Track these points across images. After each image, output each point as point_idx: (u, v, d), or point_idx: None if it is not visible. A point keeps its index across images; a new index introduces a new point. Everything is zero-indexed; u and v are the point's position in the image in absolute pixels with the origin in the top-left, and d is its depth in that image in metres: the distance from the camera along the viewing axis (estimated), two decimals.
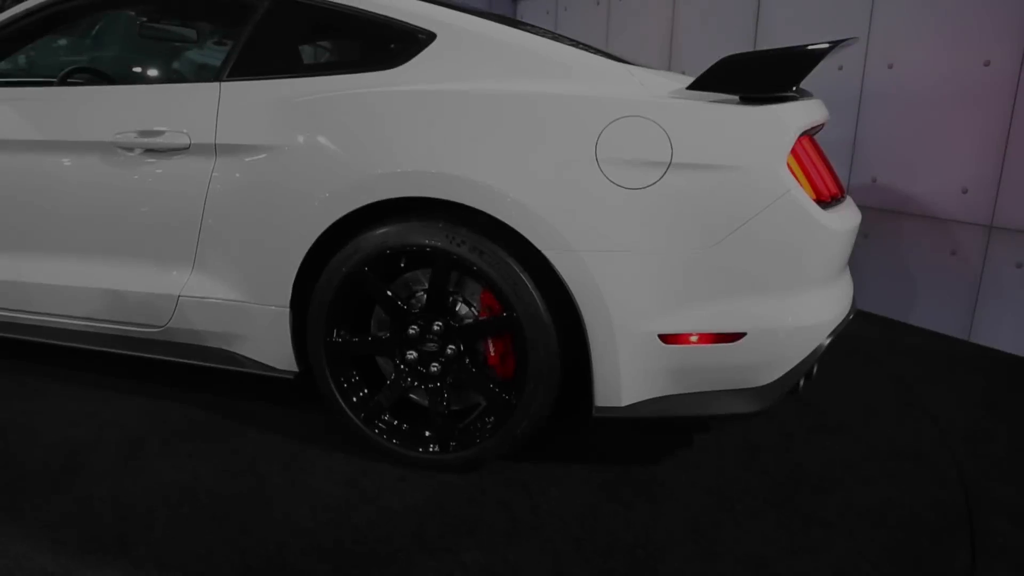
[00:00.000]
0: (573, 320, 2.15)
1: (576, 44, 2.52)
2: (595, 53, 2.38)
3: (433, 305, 2.23)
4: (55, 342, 2.87)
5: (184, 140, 2.42)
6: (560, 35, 2.61)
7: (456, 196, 2.08)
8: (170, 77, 4.28)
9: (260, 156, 2.33)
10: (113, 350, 2.77)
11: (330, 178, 2.21)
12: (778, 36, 4.52)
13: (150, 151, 2.48)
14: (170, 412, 2.71)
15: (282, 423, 2.64)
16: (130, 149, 2.51)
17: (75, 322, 2.77)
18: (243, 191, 2.36)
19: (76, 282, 2.71)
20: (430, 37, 2.32)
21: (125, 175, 2.53)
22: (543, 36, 2.41)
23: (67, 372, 3.06)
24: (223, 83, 2.45)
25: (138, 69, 4.45)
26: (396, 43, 2.37)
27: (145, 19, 3.27)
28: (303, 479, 2.26)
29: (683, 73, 5.16)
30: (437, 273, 2.18)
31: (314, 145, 2.26)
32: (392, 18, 2.39)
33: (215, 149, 2.39)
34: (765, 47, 4.61)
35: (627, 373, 2.11)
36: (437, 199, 2.16)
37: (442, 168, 2.09)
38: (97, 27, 4.36)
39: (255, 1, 2.55)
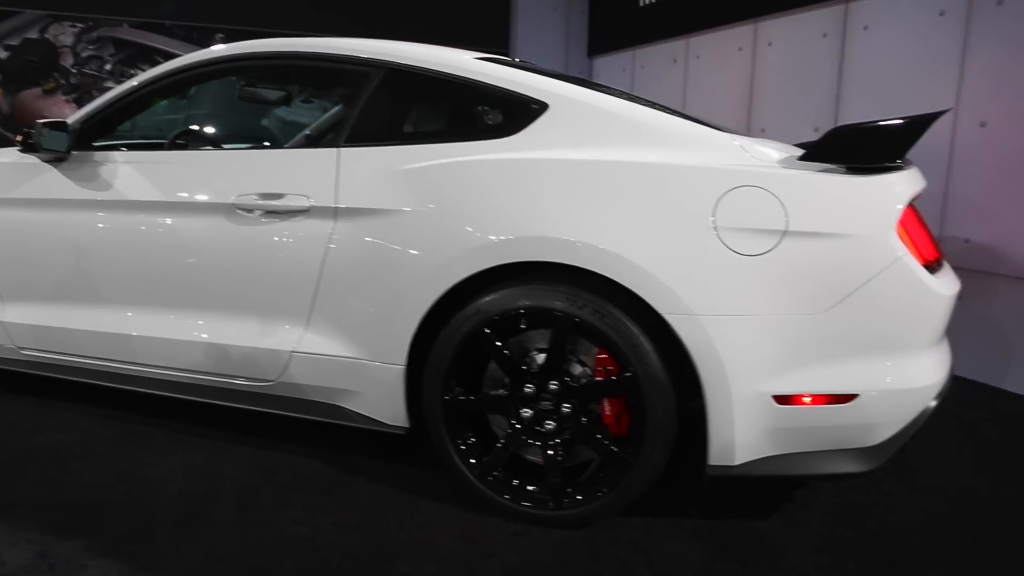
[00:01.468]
0: (687, 380, 2.21)
1: (666, 109, 2.61)
2: (690, 120, 2.48)
3: (551, 365, 2.30)
4: (162, 393, 2.99)
5: (304, 203, 2.54)
6: (656, 103, 2.71)
7: (581, 262, 2.17)
8: (266, 138, 4.47)
9: (379, 220, 2.44)
10: (220, 402, 2.88)
11: (451, 242, 2.31)
12: (862, 94, 4.56)
13: (270, 213, 2.60)
14: (278, 463, 2.79)
15: (390, 476, 2.70)
16: (250, 211, 2.63)
17: (183, 374, 2.89)
18: (362, 253, 2.46)
19: (186, 336, 2.83)
20: (542, 107, 2.43)
21: (244, 235, 2.65)
22: (645, 105, 2.52)
23: (170, 423, 3.16)
24: (341, 149, 2.58)
25: (237, 130, 4.64)
26: (509, 112, 2.48)
27: (244, 83, 3.42)
28: (421, 534, 2.31)
29: (763, 131, 5.28)
30: (557, 334, 2.25)
31: (434, 210, 2.36)
32: (505, 88, 2.50)
33: (335, 212, 2.50)
34: (848, 106, 4.67)
35: (741, 433, 2.16)
36: (553, 263, 2.25)
37: (567, 235, 2.18)
38: (193, 89, 4.56)
39: (370, 70, 2.68)
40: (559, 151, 2.32)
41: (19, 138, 3.07)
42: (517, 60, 2.95)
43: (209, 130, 3.72)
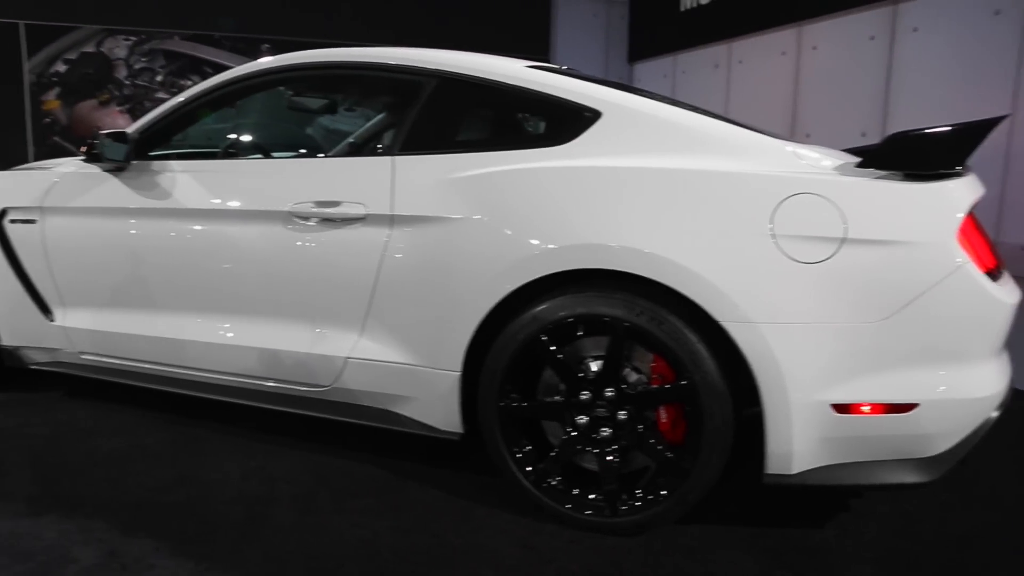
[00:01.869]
0: (744, 388, 2.21)
1: (714, 115, 2.61)
2: (740, 126, 2.48)
3: (607, 372, 2.31)
4: (216, 398, 3.04)
5: (360, 211, 2.58)
6: (705, 109, 2.71)
7: (640, 269, 2.18)
8: (312, 146, 4.54)
9: (435, 227, 2.47)
10: (273, 407, 2.93)
11: (507, 250, 2.34)
12: (912, 98, 4.51)
13: (326, 220, 2.64)
14: (331, 467, 2.83)
15: (442, 481, 2.73)
16: (306, 218, 2.67)
17: (238, 379, 2.94)
18: (418, 260, 2.49)
19: (241, 341, 2.89)
20: (595, 115, 2.45)
21: (300, 242, 2.70)
22: (696, 112, 2.53)
23: (223, 426, 3.22)
24: (396, 157, 2.61)
25: (284, 138, 4.72)
26: (562, 120, 2.50)
27: (292, 93, 3.48)
28: (477, 539, 2.34)
29: (808, 136, 5.26)
30: (615, 342, 2.27)
31: (490, 218, 2.39)
32: (558, 96, 2.52)
33: (391, 220, 2.54)
34: (897, 111, 4.62)
35: (799, 441, 2.16)
36: (609, 270, 2.26)
37: (625, 242, 2.20)
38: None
39: (423, 79, 2.72)
40: (614, 159, 2.34)
41: (84, 149, 3.16)
42: (564, 68, 2.97)
43: (258, 139, 3.79)
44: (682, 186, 2.23)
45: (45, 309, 3.35)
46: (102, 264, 3.17)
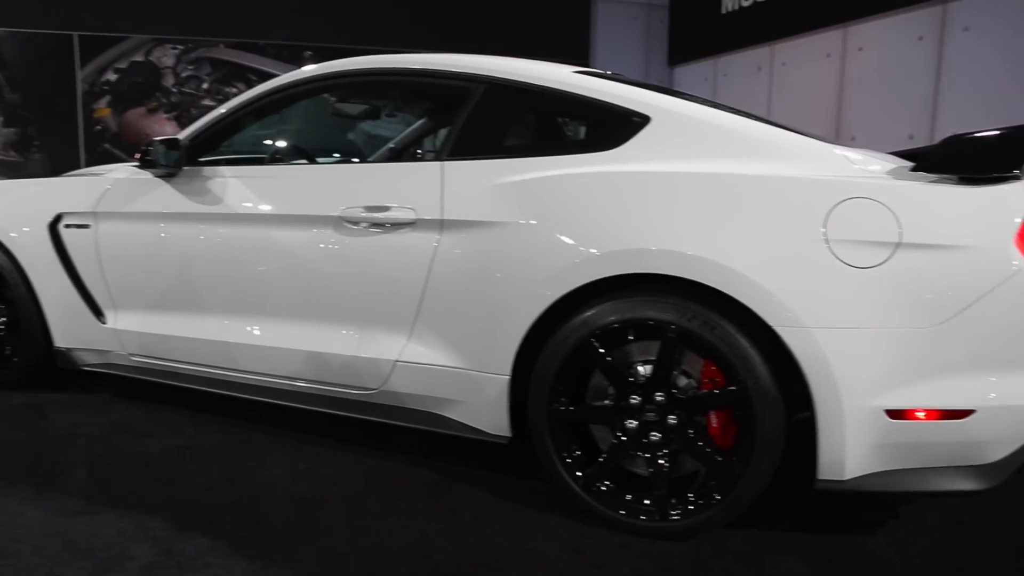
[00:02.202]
0: (795, 393, 2.20)
1: (755, 117, 2.61)
2: (789, 130, 2.47)
3: (658, 376, 2.31)
4: (265, 400, 3.09)
5: (410, 215, 2.61)
6: (746, 112, 2.70)
7: (692, 274, 2.18)
8: (354, 151, 4.59)
9: (485, 232, 2.49)
10: (322, 410, 2.97)
11: (558, 254, 2.35)
12: (961, 99, 4.45)
13: (376, 225, 2.67)
14: (379, 470, 2.86)
15: (490, 484, 2.74)
16: (356, 223, 2.71)
17: (287, 382, 2.98)
18: (468, 264, 2.51)
19: (290, 344, 2.93)
20: (644, 120, 2.45)
21: (350, 247, 2.73)
22: (743, 116, 2.53)
23: (271, 428, 3.26)
24: (445, 163, 2.64)
25: (328, 143, 4.78)
26: (611, 126, 2.51)
27: (338, 99, 3.52)
28: (527, 543, 2.34)
29: (853, 139, 5.21)
30: (666, 346, 2.26)
31: (540, 222, 2.40)
32: (606, 102, 2.53)
33: (440, 225, 2.56)
34: (946, 112, 4.56)
35: (852, 447, 2.14)
36: (659, 275, 2.26)
37: (679, 247, 2.20)
38: None
39: (471, 85, 2.74)
40: (664, 164, 2.34)
41: (138, 155, 3.22)
42: (609, 73, 2.98)
43: (304, 144, 3.84)
44: (734, 191, 2.23)
45: (97, 312, 3.43)
46: (153, 268, 3.24)
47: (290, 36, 7.71)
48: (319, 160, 3.75)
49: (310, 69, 3.10)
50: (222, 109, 3.21)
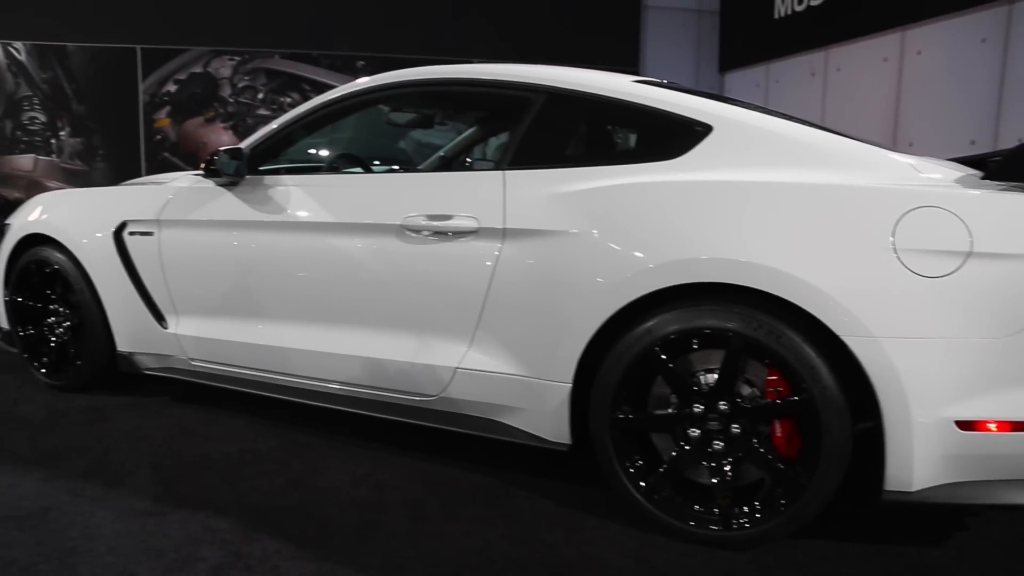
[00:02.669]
0: (861, 403, 2.18)
1: (813, 125, 2.59)
2: (851, 139, 2.45)
3: (722, 385, 2.31)
4: (324, 405, 3.13)
5: (472, 224, 2.63)
6: (806, 120, 2.69)
7: (760, 284, 2.18)
8: (406, 159, 4.65)
9: (547, 241, 2.50)
10: (381, 415, 3.00)
11: (622, 263, 2.36)
12: None
13: (438, 233, 2.70)
14: (438, 476, 2.88)
15: (549, 490, 2.75)
16: (417, 231, 2.74)
17: (345, 388, 3.02)
18: (531, 273, 2.53)
19: (351, 351, 2.96)
20: (706, 129, 2.45)
21: (412, 255, 2.76)
22: (804, 124, 2.51)
23: (329, 433, 3.30)
24: (506, 172, 2.66)
25: (382, 152, 4.85)
26: (672, 135, 2.51)
27: (395, 109, 3.57)
28: (589, 550, 2.35)
29: (911, 145, 5.13)
30: (731, 355, 2.26)
31: (603, 231, 2.41)
32: (668, 111, 2.53)
33: (503, 233, 2.58)
34: (1011, 117, 4.47)
35: (921, 458, 2.11)
36: (721, 284, 2.26)
37: (746, 256, 2.20)
38: None
39: (531, 95, 2.76)
40: (728, 173, 2.34)
41: (203, 165, 3.29)
42: (665, 81, 2.98)
43: (361, 153, 3.89)
44: (801, 200, 2.22)
45: (159, 317, 3.50)
46: (215, 274, 3.30)
47: (336, 46, 7.84)
48: (375, 169, 3.80)
49: (371, 80, 3.14)
50: (284, 119, 3.27)
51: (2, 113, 7.63)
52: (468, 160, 3.67)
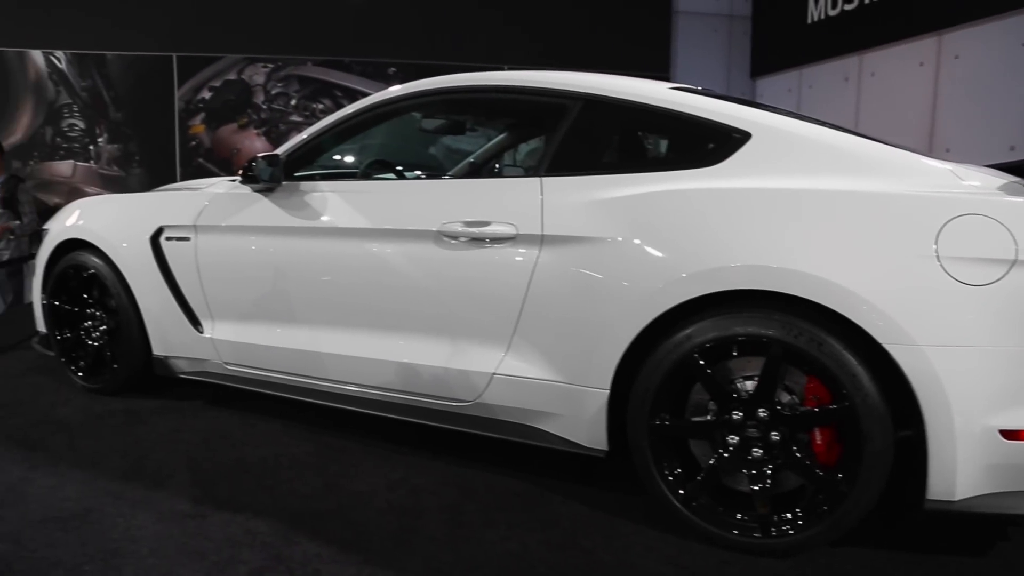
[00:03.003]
0: (901, 411, 2.16)
1: (850, 131, 2.57)
2: (890, 145, 2.43)
3: (762, 392, 2.30)
4: (360, 410, 3.15)
5: (510, 230, 2.64)
6: (843, 127, 2.67)
7: (801, 291, 2.17)
8: (436, 165, 4.67)
9: (585, 247, 2.50)
10: (415, 420, 3.01)
11: (661, 270, 2.36)
12: None
13: (475, 240, 2.71)
14: (473, 481, 2.88)
15: (585, 496, 2.75)
16: (454, 237, 2.75)
17: (380, 393, 3.03)
18: (569, 280, 2.53)
19: (386, 356, 2.98)
20: (745, 136, 2.45)
21: (449, 261, 2.77)
22: (842, 131, 2.50)
23: (363, 438, 3.31)
24: (543, 178, 2.67)
25: (422, 160, 4.88)
26: (710, 142, 2.51)
27: (428, 115, 3.58)
28: (628, 556, 2.35)
29: (947, 152, 5.08)
30: (770, 362, 2.25)
31: (642, 238, 2.41)
32: (705, 118, 2.53)
33: (540, 240, 2.59)
34: None
35: (964, 468, 2.09)
36: (760, 291, 2.25)
37: (788, 264, 2.20)
38: None
39: (568, 102, 2.77)
40: (768, 180, 2.33)
41: (241, 171, 3.32)
42: (700, 88, 2.97)
43: (394, 159, 3.92)
44: (842, 208, 2.22)
45: (195, 321, 3.53)
46: (251, 279, 3.33)
47: (378, 54, 7.93)
48: (407, 175, 3.82)
49: (406, 87, 3.16)
50: (319, 126, 3.29)
51: (43, 120, 7.79)
52: (501, 166, 3.68)
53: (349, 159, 3.95)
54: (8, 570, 2.24)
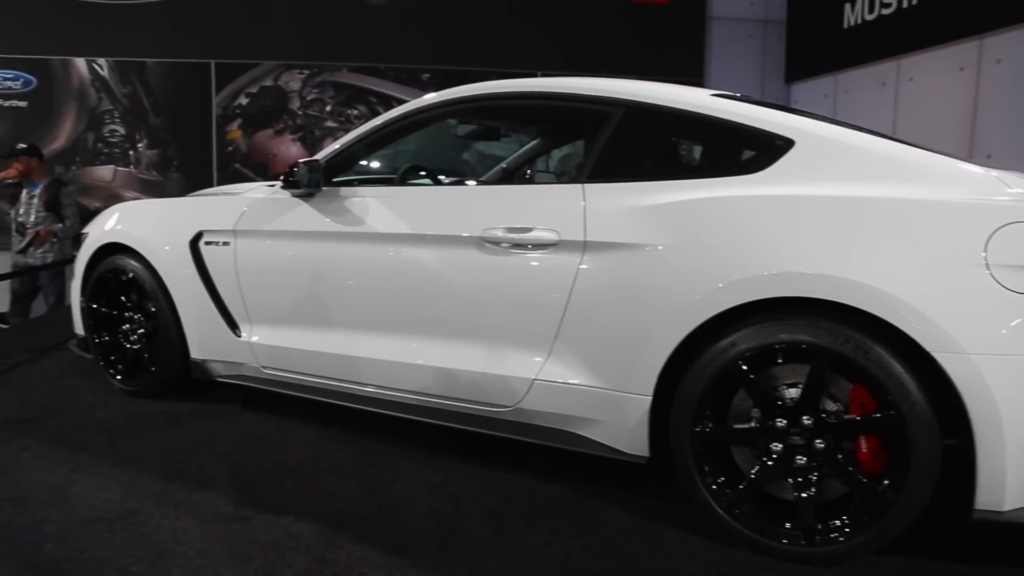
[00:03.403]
0: (947, 419, 2.14)
1: (891, 138, 2.55)
2: (934, 152, 2.41)
3: (807, 400, 2.28)
4: (398, 415, 3.16)
5: (552, 237, 2.65)
6: (885, 134, 2.65)
7: (847, 299, 2.16)
8: (470, 171, 4.69)
9: (629, 254, 2.50)
10: (455, 425, 3.02)
11: (706, 277, 2.35)
12: None
13: (518, 246, 2.72)
14: (512, 486, 2.88)
15: (626, 502, 2.74)
16: (497, 243, 2.76)
17: (419, 398, 3.05)
18: (612, 286, 2.53)
19: (425, 361, 2.99)
20: (788, 143, 2.44)
21: (491, 267, 2.78)
22: (886, 138, 2.49)
23: (400, 442, 3.32)
24: (585, 185, 2.67)
25: (450, 164, 4.91)
26: (755, 149, 2.50)
27: (465, 122, 3.60)
28: (671, 563, 2.34)
29: (988, 157, 5.01)
30: (816, 370, 2.24)
31: (687, 245, 2.41)
32: (749, 125, 2.52)
33: (583, 246, 2.59)
34: None
35: (1014, 478, 2.07)
36: (805, 299, 2.24)
37: (836, 271, 2.19)
38: None
39: (609, 109, 2.77)
40: (813, 187, 2.32)
41: (282, 176, 3.35)
42: (739, 95, 2.96)
43: (431, 165, 3.93)
44: (889, 215, 2.20)
45: (233, 325, 3.56)
46: (290, 283, 3.35)
47: (412, 60, 8.00)
48: (443, 180, 3.83)
49: (445, 93, 3.17)
50: (358, 132, 3.31)
51: (85, 126, 7.94)
52: (533, 172, 3.68)
53: (385, 165, 3.97)
54: (58, 569, 2.28)
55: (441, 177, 3.84)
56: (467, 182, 4.18)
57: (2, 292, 7.25)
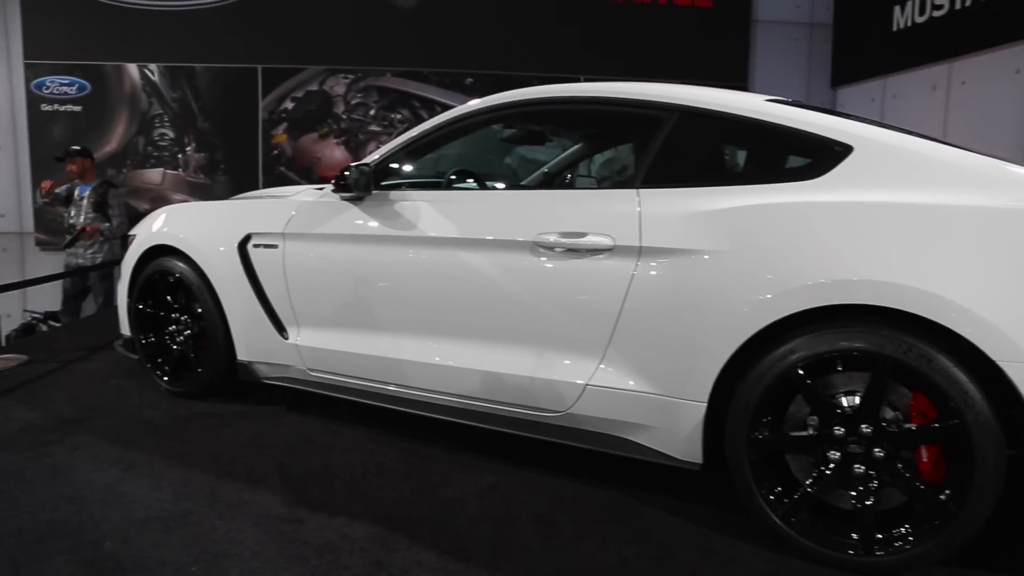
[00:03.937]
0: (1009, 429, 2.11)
1: (947, 143, 2.51)
2: (988, 156, 2.37)
3: (867, 408, 2.26)
4: (447, 418, 3.16)
5: (607, 242, 2.64)
6: (940, 139, 2.61)
7: (910, 306, 2.14)
8: (513, 174, 4.70)
9: (685, 260, 2.49)
10: (504, 429, 3.01)
11: (765, 284, 2.33)
12: None
13: (571, 251, 2.71)
14: (562, 491, 2.88)
15: (678, 509, 2.73)
16: (550, 248, 2.76)
17: (469, 402, 3.05)
18: (667, 292, 2.52)
19: (476, 365, 2.99)
20: (846, 150, 2.41)
21: (544, 272, 2.78)
22: (944, 144, 2.45)
23: (447, 446, 3.32)
24: (640, 190, 2.66)
25: (507, 170, 4.92)
26: (810, 155, 2.48)
27: (513, 126, 3.60)
28: (726, 570, 2.32)
29: None
30: (877, 378, 2.21)
31: (746, 251, 2.39)
32: (806, 131, 2.50)
33: (638, 252, 2.58)
34: None
35: None
36: (863, 306, 2.22)
37: (898, 279, 2.16)
38: None
39: (663, 114, 2.76)
40: (872, 194, 2.29)
41: (333, 180, 3.37)
42: (791, 100, 2.93)
43: (479, 169, 3.94)
44: (951, 222, 2.17)
45: (280, 327, 3.58)
46: (339, 286, 3.37)
47: (455, 65, 8.07)
48: (490, 184, 3.83)
49: (495, 98, 3.16)
50: (408, 136, 3.32)
51: (136, 130, 8.09)
52: (581, 176, 3.67)
53: (431, 169, 3.98)
54: (119, 568, 2.31)
55: (488, 181, 3.84)
56: (516, 186, 4.17)
57: (55, 292, 7.43)
